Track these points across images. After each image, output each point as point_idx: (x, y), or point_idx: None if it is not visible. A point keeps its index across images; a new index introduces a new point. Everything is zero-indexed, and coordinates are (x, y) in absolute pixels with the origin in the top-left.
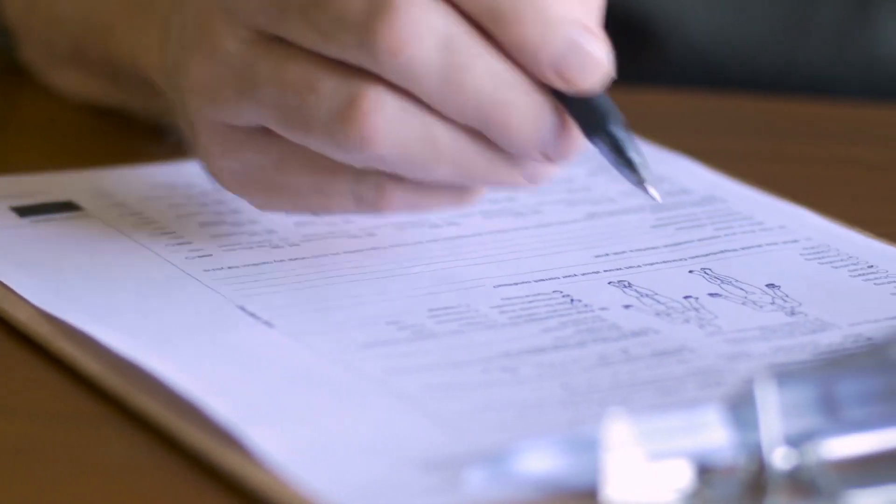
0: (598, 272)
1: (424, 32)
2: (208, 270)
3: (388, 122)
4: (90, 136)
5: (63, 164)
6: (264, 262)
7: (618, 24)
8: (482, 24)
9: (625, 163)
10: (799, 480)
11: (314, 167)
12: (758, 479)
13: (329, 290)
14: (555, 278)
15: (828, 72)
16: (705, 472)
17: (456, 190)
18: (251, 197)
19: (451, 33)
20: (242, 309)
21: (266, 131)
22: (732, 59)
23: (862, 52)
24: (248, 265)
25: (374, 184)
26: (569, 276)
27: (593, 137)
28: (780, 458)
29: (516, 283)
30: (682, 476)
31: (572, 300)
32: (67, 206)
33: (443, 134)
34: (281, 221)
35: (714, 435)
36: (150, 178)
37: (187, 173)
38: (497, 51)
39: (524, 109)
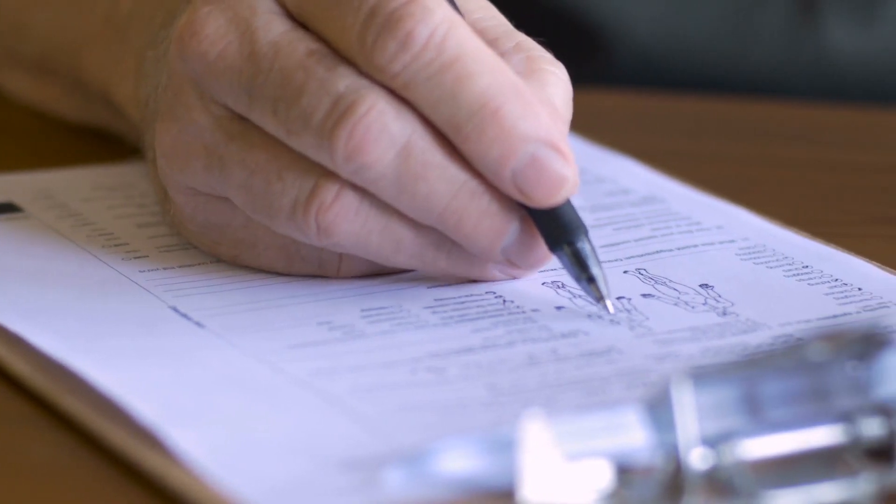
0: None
1: (382, 141)
2: (144, 271)
3: (347, 216)
4: (34, 138)
5: (5, 165)
6: (200, 264)
7: (565, 27)
8: (446, 135)
9: (585, 277)
10: (716, 480)
11: (279, 234)
12: (675, 479)
13: (262, 291)
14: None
15: (775, 72)
16: (625, 472)
17: None
18: (219, 253)
19: (409, 143)
20: (175, 310)
21: None
22: (679, 61)
23: (808, 53)
24: (184, 266)
25: (338, 253)
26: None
27: (556, 250)
28: (697, 459)
29: (451, 284)
30: (602, 476)
31: (505, 301)
32: (7, 208)
33: (404, 231)
34: None
35: (633, 435)
36: (92, 179)
37: (128, 175)
38: (459, 161)
39: (484, 219)
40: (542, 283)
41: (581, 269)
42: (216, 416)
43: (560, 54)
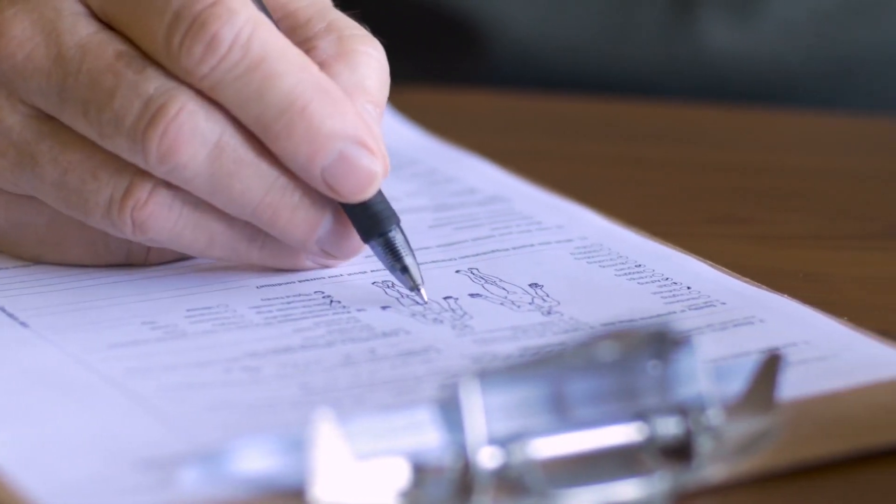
0: (364, 272)
1: (194, 141)
2: None
3: (161, 213)
4: None
5: None
6: (30, 265)
7: (441, 24)
8: (255, 134)
9: (399, 267)
10: (507, 479)
11: (86, 227)
12: (465, 478)
13: (91, 291)
14: (320, 278)
15: (652, 71)
16: (421, 472)
17: None
18: (20, 253)
19: (221, 142)
20: (2, 310)
21: None
22: (557, 59)
23: (685, 51)
24: (17, 266)
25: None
26: (334, 276)
27: (370, 241)
28: (487, 458)
29: (280, 284)
30: (398, 476)
31: (332, 301)
32: None
33: (217, 225)
34: None
35: (427, 435)
36: None
37: None
38: (271, 157)
39: (297, 213)
40: (373, 283)
41: (394, 258)
42: (21, 415)
43: (435, 51)
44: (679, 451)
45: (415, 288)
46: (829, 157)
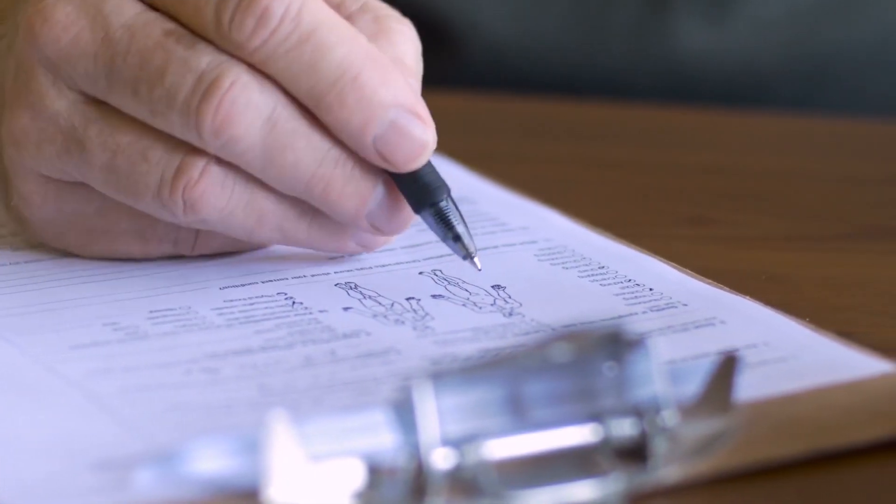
0: (328, 273)
1: (248, 113)
2: None
3: (213, 192)
4: None
5: None
6: (5, 264)
7: (413, 25)
8: (307, 106)
9: (452, 236)
10: (461, 481)
11: (135, 214)
12: (418, 479)
13: (57, 293)
14: (283, 279)
15: (626, 72)
16: (377, 473)
17: None
18: (68, 244)
19: (274, 114)
20: None
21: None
22: (529, 60)
23: (659, 53)
24: None
25: (195, 231)
26: (298, 277)
27: (421, 212)
28: (440, 459)
29: (243, 285)
30: (352, 477)
31: (294, 302)
32: None
33: (267, 203)
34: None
35: (381, 437)
36: None
37: None
38: (322, 129)
39: (349, 185)
40: (335, 285)
41: (447, 227)
42: None
43: None
44: (634, 452)
45: (468, 256)
46: (800, 159)
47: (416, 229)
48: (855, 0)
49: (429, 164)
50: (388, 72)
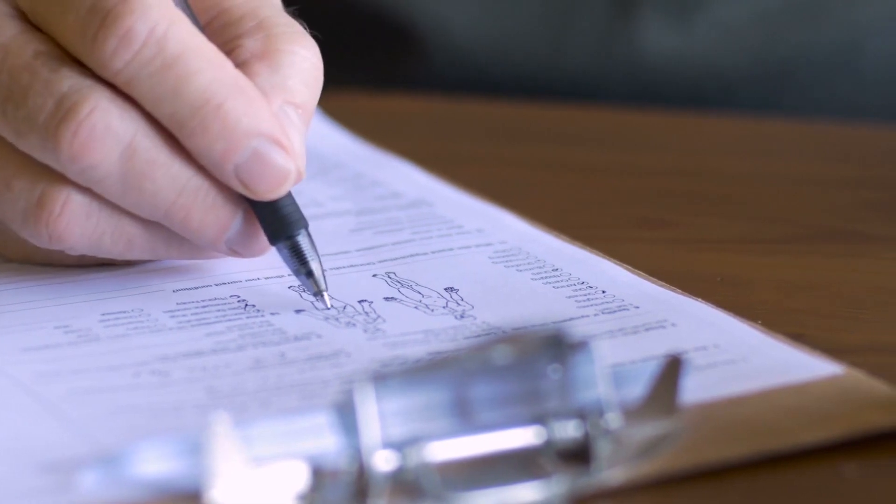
0: (281, 276)
1: (107, 140)
2: None
3: (77, 221)
4: None
5: None
6: None
7: (380, 28)
8: (171, 130)
9: (305, 272)
10: (403, 483)
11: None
12: (360, 481)
13: (10, 294)
14: (237, 282)
15: (592, 75)
16: (321, 475)
17: None
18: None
19: (134, 141)
20: None
21: None
22: (495, 62)
23: (625, 55)
24: None
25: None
26: (252, 279)
27: (276, 243)
28: (382, 461)
29: (196, 288)
30: (296, 479)
31: (246, 305)
32: None
33: (132, 229)
34: None
35: (325, 439)
36: None
37: None
38: (184, 157)
39: (209, 214)
40: (289, 287)
41: (300, 262)
42: None
43: (374, 55)
44: (577, 455)
45: (318, 293)
46: (762, 162)
47: (373, 232)
48: (820, 4)
49: (289, 196)
50: (252, 100)
